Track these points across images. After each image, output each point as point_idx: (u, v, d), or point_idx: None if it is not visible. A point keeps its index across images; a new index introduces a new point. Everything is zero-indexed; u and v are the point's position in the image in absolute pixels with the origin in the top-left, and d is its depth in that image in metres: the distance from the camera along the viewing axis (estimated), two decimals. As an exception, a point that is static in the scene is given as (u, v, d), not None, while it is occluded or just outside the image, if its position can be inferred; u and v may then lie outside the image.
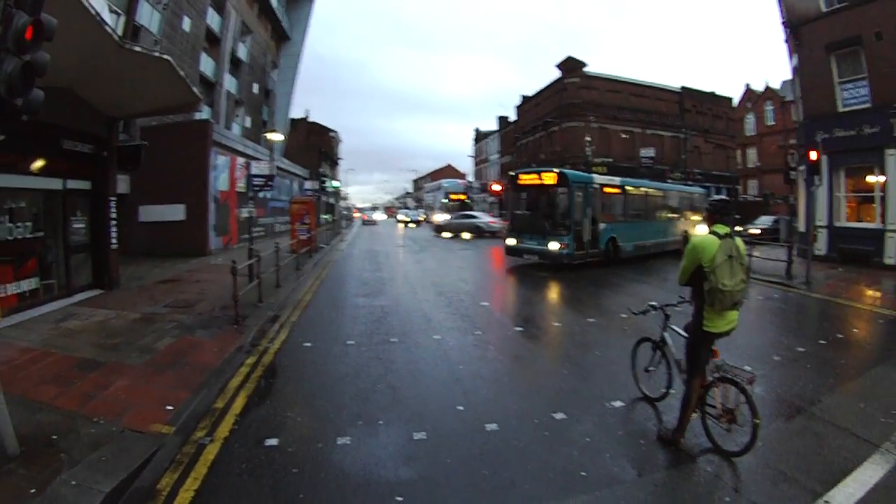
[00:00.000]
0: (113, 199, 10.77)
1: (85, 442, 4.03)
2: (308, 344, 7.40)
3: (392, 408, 5.15)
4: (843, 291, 11.46)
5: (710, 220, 4.18)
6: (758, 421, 3.91)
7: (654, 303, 5.17)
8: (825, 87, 16.33)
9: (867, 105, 15.06)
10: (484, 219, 33.84)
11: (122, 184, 17.22)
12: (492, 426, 4.73)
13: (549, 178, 15.56)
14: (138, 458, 3.86)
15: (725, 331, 4.16)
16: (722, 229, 4.06)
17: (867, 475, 3.98)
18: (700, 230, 4.43)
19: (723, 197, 4.45)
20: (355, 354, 6.90)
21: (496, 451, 4.31)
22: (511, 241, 16.57)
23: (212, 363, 6.24)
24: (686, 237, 19.14)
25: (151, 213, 17.67)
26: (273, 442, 4.29)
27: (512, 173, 17.12)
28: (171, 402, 4.97)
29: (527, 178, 16.48)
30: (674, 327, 5.00)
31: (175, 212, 18.16)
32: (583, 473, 3.93)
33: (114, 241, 10.77)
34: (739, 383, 4.03)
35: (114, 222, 10.77)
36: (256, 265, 10.19)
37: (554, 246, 14.88)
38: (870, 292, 11.45)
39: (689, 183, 32.30)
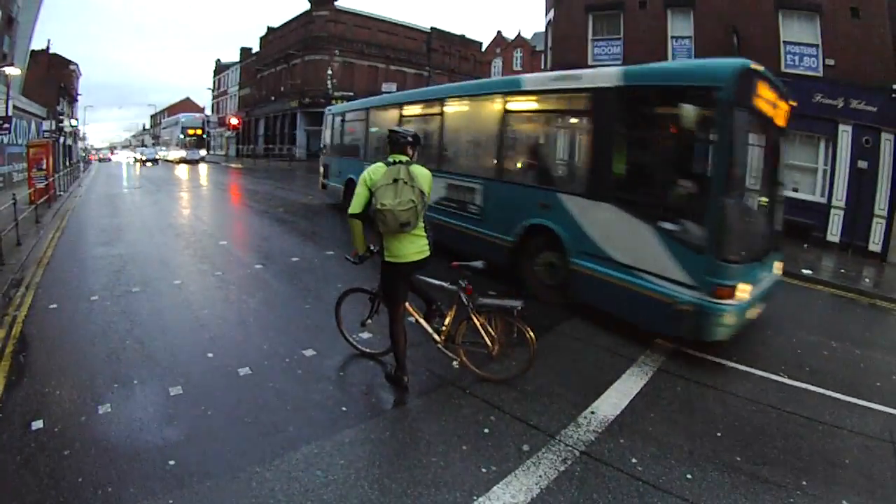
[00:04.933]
0: None
1: None
2: (54, 305, 7.02)
3: (143, 364, 5.15)
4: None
5: (388, 151, 4.37)
6: (535, 346, 4.29)
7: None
8: (578, 41, 18.06)
9: (619, 62, 17.17)
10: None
11: None
12: (245, 370, 4.87)
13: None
14: None
15: (416, 260, 4.28)
16: (395, 157, 4.25)
17: (628, 385, 4.34)
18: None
19: (396, 129, 4.42)
20: (100, 310, 6.73)
21: (253, 395, 4.43)
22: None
23: (-37, 341, 5.61)
24: None
25: None
26: (39, 424, 4.11)
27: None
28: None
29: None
30: None
31: None
32: (343, 408, 4.20)
33: None
34: (511, 314, 4.30)
35: None
36: (-6, 223, 8.83)
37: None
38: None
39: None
